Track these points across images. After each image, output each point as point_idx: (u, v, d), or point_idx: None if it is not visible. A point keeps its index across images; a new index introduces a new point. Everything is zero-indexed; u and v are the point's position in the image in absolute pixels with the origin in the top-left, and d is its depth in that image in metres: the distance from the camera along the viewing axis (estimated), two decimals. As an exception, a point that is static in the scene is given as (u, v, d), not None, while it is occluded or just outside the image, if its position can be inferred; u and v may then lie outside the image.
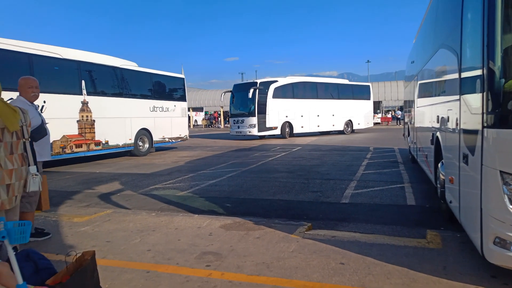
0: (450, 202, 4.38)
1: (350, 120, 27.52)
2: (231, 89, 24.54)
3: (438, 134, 5.26)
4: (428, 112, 6.67)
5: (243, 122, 22.79)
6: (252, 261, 3.60)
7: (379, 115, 46.56)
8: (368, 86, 29.93)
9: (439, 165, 5.17)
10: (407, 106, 12.80)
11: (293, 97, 24.06)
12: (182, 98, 17.41)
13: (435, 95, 5.81)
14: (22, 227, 2.15)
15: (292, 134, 24.07)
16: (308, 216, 5.57)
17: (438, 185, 5.33)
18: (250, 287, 3.09)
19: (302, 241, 4.14)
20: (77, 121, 11.98)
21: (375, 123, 42.07)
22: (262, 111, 22.30)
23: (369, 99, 29.35)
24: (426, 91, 7.16)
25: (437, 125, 5.36)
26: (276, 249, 3.92)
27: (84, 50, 13.22)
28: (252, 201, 6.69)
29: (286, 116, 23.55)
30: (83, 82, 12.18)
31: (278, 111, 22.97)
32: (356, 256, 3.67)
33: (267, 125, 22.61)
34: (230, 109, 24.69)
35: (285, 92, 23.53)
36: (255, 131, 22.38)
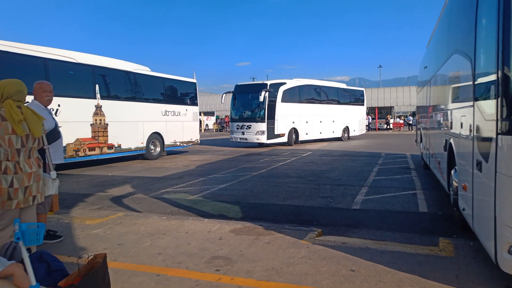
0: (463, 209, 4.32)
1: (347, 127, 26.23)
2: (232, 90, 21.93)
3: (451, 140, 5.19)
4: (441, 118, 6.60)
5: (249, 128, 20.43)
6: (262, 266, 3.59)
7: (391, 121, 46.12)
8: (362, 91, 28.97)
9: (452, 171, 5.10)
10: (420, 111, 12.67)
11: (300, 101, 22.33)
12: (194, 103, 17.52)
13: (449, 101, 5.75)
14: (36, 229, 2.20)
15: (297, 142, 22.19)
16: (318, 222, 5.54)
17: (451, 192, 5.26)
18: (260, 293, 3.08)
19: (312, 247, 4.12)
20: (91, 124, 12.14)
21: (388, 129, 41.74)
22: (271, 116, 20.18)
23: (363, 104, 28.40)
24: (439, 96, 7.09)
25: (450, 131, 5.29)
26: (286, 254, 3.90)
27: (97, 54, 13.43)
28: (262, 206, 6.68)
29: (293, 122, 21.67)
30: (97, 86, 12.35)
31: (286, 117, 21.04)
32: (367, 263, 3.63)
33: (276, 132, 20.53)
34: (231, 112, 22.22)
35: (292, 95, 21.74)
36: (264, 139, 20.09)
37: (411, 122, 39.44)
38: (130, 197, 7.71)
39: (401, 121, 46.31)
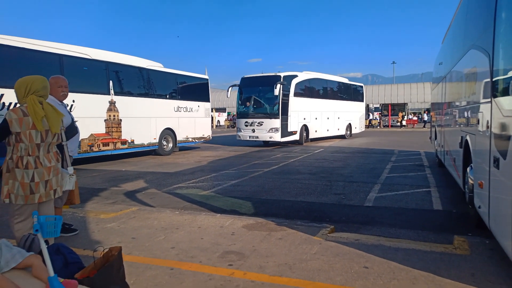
0: (479, 207, 4.25)
1: (350, 124, 24.97)
2: (238, 83, 19.86)
3: (467, 137, 5.11)
4: (457, 115, 6.49)
5: (261, 124, 18.45)
6: (275, 262, 3.60)
7: (405, 117, 45.52)
8: (362, 86, 27.67)
9: (468, 169, 5.02)
10: (435, 108, 12.49)
11: (311, 96, 20.85)
12: (206, 99, 17.56)
13: (465, 97, 5.65)
14: (54, 221, 2.24)
15: (307, 140, 20.68)
16: (330, 219, 5.52)
17: (466, 190, 5.18)
18: (272, 288, 3.08)
19: (325, 243, 4.11)
20: (105, 120, 12.29)
21: (401, 126, 41.24)
22: (284, 112, 18.31)
23: (362, 100, 27.27)
24: (455, 93, 6.97)
25: (467, 128, 5.20)
26: (299, 250, 3.90)
27: (109, 50, 13.54)
28: (274, 202, 6.69)
29: (304, 119, 20.03)
30: (111, 82, 12.48)
31: (298, 112, 19.28)
32: (380, 260, 3.61)
33: (289, 129, 18.74)
34: (237, 108, 20.07)
35: (303, 89, 20.11)
36: (277, 137, 18.17)
37: (426, 119, 38.83)
38: (144, 192, 7.79)
39: (415, 118, 45.62)
